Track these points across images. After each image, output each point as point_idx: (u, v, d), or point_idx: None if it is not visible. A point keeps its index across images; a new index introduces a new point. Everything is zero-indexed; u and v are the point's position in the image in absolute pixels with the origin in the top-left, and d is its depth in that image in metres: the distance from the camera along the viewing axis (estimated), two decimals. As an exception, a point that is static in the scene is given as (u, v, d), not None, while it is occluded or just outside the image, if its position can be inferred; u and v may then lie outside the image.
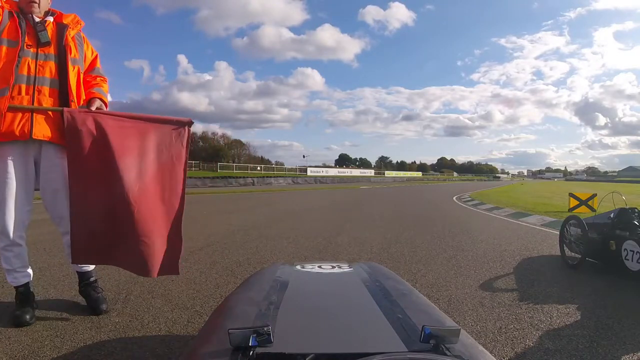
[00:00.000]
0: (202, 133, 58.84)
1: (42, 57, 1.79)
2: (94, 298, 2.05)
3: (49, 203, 1.90)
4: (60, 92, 1.82)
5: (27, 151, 1.82)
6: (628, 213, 3.00)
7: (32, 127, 1.74)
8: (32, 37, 1.78)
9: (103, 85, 2.02)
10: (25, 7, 1.81)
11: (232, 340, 0.59)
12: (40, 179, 1.87)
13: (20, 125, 1.73)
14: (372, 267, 1.19)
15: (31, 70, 1.76)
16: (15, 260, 1.87)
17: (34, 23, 1.81)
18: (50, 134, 1.79)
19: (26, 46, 1.76)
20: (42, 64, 1.78)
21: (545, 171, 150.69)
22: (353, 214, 7.96)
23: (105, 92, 2.00)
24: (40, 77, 1.77)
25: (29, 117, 1.75)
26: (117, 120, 1.82)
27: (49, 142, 1.82)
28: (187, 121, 1.90)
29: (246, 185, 25.20)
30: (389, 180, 49.78)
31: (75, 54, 1.90)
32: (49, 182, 1.87)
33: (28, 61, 1.75)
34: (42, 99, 1.78)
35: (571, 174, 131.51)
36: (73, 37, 1.91)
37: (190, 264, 3.20)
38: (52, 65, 1.81)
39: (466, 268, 3.23)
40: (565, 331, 1.91)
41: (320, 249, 4.03)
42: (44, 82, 1.78)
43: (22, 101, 1.74)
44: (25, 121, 1.74)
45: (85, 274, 2.08)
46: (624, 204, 3.33)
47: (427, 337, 0.61)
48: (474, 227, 5.98)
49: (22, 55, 1.73)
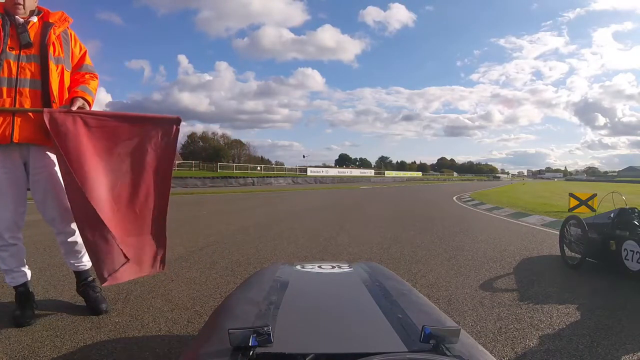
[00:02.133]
0: (202, 133, 59.02)
1: (23, 58, 1.76)
2: (93, 298, 2.05)
3: (40, 204, 1.90)
4: (43, 92, 1.79)
5: (14, 154, 1.81)
6: (628, 213, 3.00)
7: (13, 130, 1.72)
8: (14, 39, 1.76)
9: (90, 83, 1.98)
10: (10, 8, 1.80)
11: (232, 340, 0.59)
12: (30, 180, 1.87)
13: (1, 129, 1.71)
14: (372, 267, 1.19)
15: (12, 72, 1.73)
16: (11, 260, 1.87)
17: (17, 25, 1.79)
18: (33, 137, 1.77)
19: (8, 49, 1.74)
20: (23, 65, 1.76)
21: (545, 171, 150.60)
22: (353, 214, 7.96)
23: (91, 89, 1.96)
24: (21, 79, 1.75)
25: (10, 121, 1.72)
26: (99, 120, 1.80)
27: (35, 145, 1.81)
28: (175, 119, 1.87)
29: (246, 185, 25.20)
30: (389, 181, 49.78)
31: (59, 52, 1.87)
32: (38, 184, 1.87)
33: (10, 63, 1.73)
34: (23, 101, 1.75)
35: (571, 174, 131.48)
36: (58, 36, 1.88)
37: (190, 264, 3.20)
38: (34, 66, 1.78)
39: (466, 268, 3.23)
40: (565, 331, 1.91)
41: (320, 249, 4.03)
42: (25, 84, 1.76)
43: (3, 104, 1.72)
44: (6, 125, 1.72)
45: (83, 273, 2.07)
46: (624, 204, 3.32)
47: (427, 337, 0.61)
48: (474, 227, 5.98)
49: (3, 58, 1.72)
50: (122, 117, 1.87)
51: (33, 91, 1.78)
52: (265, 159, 64.31)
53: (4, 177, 1.79)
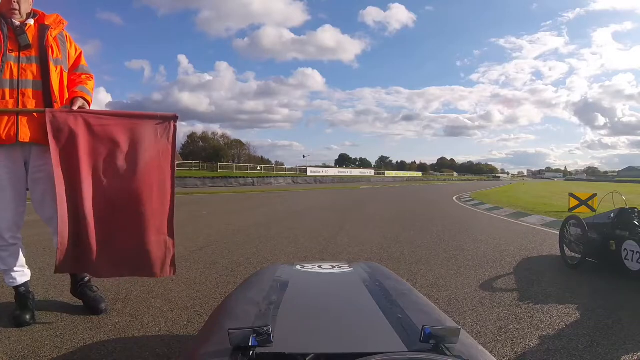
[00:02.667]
0: (202, 133, 59.04)
1: (24, 60, 1.80)
2: (92, 297, 2.04)
3: (38, 204, 1.91)
4: (44, 93, 1.83)
5: (16, 154, 1.82)
6: (628, 213, 3.00)
7: (18, 130, 1.76)
8: (13, 41, 1.80)
9: (87, 83, 2.01)
10: (6, 12, 1.83)
11: (232, 340, 0.59)
12: (29, 179, 1.88)
13: (7, 129, 1.75)
14: (372, 267, 1.19)
15: (14, 74, 1.77)
16: (11, 260, 1.88)
17: (15, 27, 1.82)
18: (36, 136, 1.80)
19: (8, 51, 1.78)
20: (24, 66, 1.80)
21: (545, 171, 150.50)
22: (353, 214, 7.96)
23: (89, 89, 2.00)
24: (23, 80, 1.79)
25: (14, 121, 1.76)
26: (99, 119, 1.83)
27: (37, 144, 1.83)
28: (172, 116, 1.88)
29: (246, 185, 25.20)
30: (389, 180, 49.78)
31: (57, 54, 1.91)
32: (37, 183, 1.88)
33: (11, 65, 1.77)
34: (26, 102, 1.79)
35: (571, 174, 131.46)
36: (55, 38, 1.92)
37: (190, 264, 3.20)
38: (35, 67, 1.82)
39: (466, 268, 3.23)
40: (565, 331, 1.91)
41: (320, 249, 4.03)
42: (27, 85, 1.80)
43: (7, 105, 1.76)
44: (11, 125, 1.76)
45: (79, 274, 2.06)
46: (624, 204, 3.32)
47: (427, 337, 0.61)
48: (474, 227, 5.98)
49: (5, 61, 1.76)
50: (121, 115, 1.90)
51: (35, 92, 1.81)
52: (265, 159, 64.36)
53: (5, 176, 1.80)
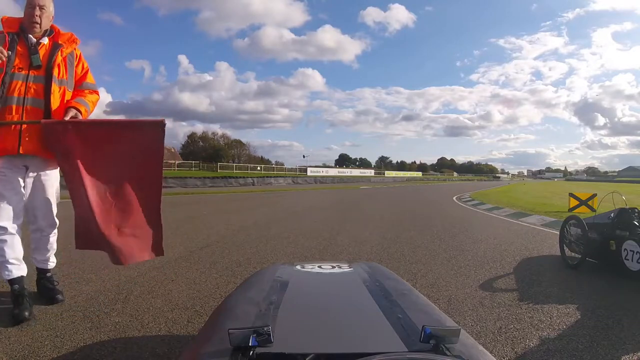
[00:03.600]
0: (202, 133, 58.89)
1: (31, 78, 1.92)
2: (49, 288, 2.17)
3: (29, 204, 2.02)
4: (45, 112, 1.93)
5: (18, 163, 1.93)
6: (628, 213, 3.01)
7: (20, 143, 1.87)
8: (25, 58, 1.90)
9: (87, 96, 2.13)
10: (28, 26, 1.94)
11: (232, 340, 0.59)
12: (25, 183, 1.98)
13: (10, 142, 1.86)
14: (372, 267, 1.19)
15: (21, 92, 1.88)
16: (8, 251, 1.92)
17: (29, 44, 1.92)
18: (36, 149, 1.91)
19: (18, 69, 1.88)
20: (30, 85, 1.90)
21: (545, 171, 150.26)
22: (353, 214, 7.96)
23: (87, 102, 2.10)
24: (28, 98, 1.89)
25: (17, 134, 1.87)
26: (90, 128, 1.95)
27: (37, 157, 1.95)
28: (160, 121, 1.96)
29: (246, 185, 25.18)
30: (389, 180, 49.75)
31: (63, 74, 2.02)
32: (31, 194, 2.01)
33: (19, 84, 1.88)
34: (28, 118, 1.89)
35: (571, 174, 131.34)
36: (65, 57, 2.03)
37: (190, 264, 3.20)
38: (39, 87, 1.92)
39: (466, 268, 3.23)
40: (565, 331, 1.91)
41: (320, 249, 4.03)
42: (31, 103, 1.90)
43: (13, 120, 1.86)
44: (14, 138, 1.87)
45: (44, 270, 2.19)
46: (624, 204, 3.32)
47: (427, 337, 0.61)
48: (474, 227, 5.98)
49: (14, 79, 1.86)
50: (111, 123, 2.04)
51: (36, 109, 1.92)
52: (265, 159, 64.20)
53: (9, 172, 1.91)
